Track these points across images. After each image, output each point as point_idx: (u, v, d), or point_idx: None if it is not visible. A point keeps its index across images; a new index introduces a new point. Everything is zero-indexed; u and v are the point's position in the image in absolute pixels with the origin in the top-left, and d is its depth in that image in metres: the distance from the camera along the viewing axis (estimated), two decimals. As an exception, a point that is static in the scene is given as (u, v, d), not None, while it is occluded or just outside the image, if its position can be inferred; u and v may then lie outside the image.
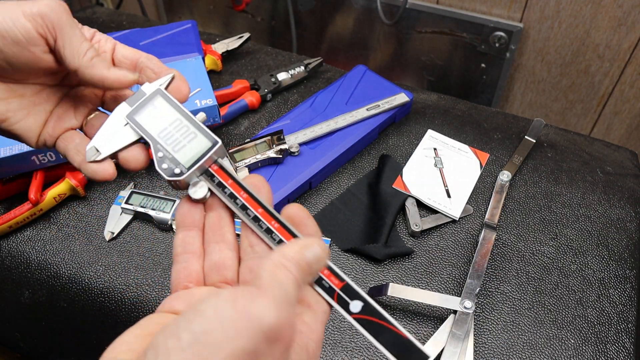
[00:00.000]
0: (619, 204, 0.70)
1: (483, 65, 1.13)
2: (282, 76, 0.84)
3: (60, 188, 0.67)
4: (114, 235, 0.66)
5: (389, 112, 0.77)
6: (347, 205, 0.69)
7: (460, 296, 0.57)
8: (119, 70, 0.36)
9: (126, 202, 0.67)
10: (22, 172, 0.68)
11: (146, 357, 0.24)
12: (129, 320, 0.61)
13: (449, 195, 0.69)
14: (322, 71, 0.89)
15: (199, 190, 0.35)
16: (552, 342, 0.57)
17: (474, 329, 0.57)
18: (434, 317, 0.59)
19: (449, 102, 0.84)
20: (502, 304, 0.60)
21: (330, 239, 0.66)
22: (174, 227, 0.65)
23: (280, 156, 0.69)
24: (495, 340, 0.57)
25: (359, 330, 0.30)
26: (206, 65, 0.85)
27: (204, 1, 1.36)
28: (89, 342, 0.64)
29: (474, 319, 0.58)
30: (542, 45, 1.07)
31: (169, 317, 0.31)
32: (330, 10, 1.21)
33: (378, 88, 0.80)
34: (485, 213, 0.67)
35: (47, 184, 0.67)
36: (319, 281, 0.32)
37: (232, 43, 0.89)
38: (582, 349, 0.57)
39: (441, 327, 0.56)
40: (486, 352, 0.56)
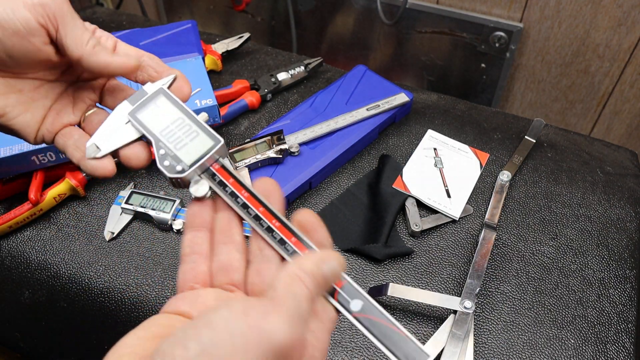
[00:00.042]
0: (619, 204, 0.70)
1: (483, 65, 1.13)
2: (282, 76, 0.84)
3: (60, 188, 0.67)
4: (114, 235, 0.66)
5: (389, 112, 0.77)
6: (347, 205, 0.69)
7: (460, 296, 0.57)
8: (122, 56, 0.36)
9: (126, 202, 0.67)
10: (22, 172, 0.68)
11: None
12: (129, 320, 0.61)
13: (449, 195, 0.69)
14: (322, 71, 0.89)
15: (201, 188, 0.35)
16: (552, 342, 0.57)
17: (474, 329, 0.57)
18: (434, 317, 0.59)
19: (449, 102, 0.84)
20: (502, 304, 0.60)
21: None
22: (174, 227, 0.65)
23: (280, 156, 0.69)
24: (495, 340, 0.57)
25: (359, 329, 0.30)
26: (206, 65, 0.85)
27: (204, 1, 1.36)
28: (89, 342, 0.64)
29: (474, 319, 0.58)
30: (542, 45, 1.07)
31: (173, 318, 0.31)
32: (330, 10, 1.21)
33: (378, 88, 0.80)
34: (485, 213, 0.67)
35: (47, 184, 0.67)
36: None
37: (232, 43, 0.89)
38: (582, 349, 0.57)
39: (441, 327, 0.56)
40: (486, 352, 0.56)
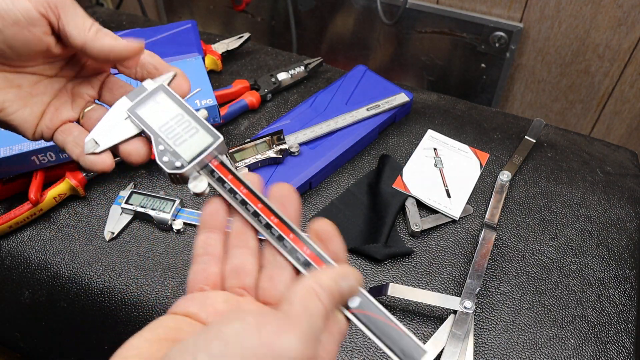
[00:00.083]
0: (619, 204, 0.70)
1: (483, 65, 1.13)
2: (282, 76, 0.84)
3: (60, 188, 0.67)
4: (114, 235, 0.66)
5: (389, 112, 0.77)
6: (347, 205, 0.69)
7: (460, 296, 0.57)
8: (126, 40, 0.36)
9: (126, 202, 0.67)
10: (22, 172, 0.67)
11: None
12: (129, 320, 0.61)
13: (449, 195, 0.69)
14: (322, 71, 0.89)
15: (199, 184, 0.35)
16: (552, 342, 0.57)
17: (474, 329, 0.57)
18: (434, 317, 0.59)
19: (449, 102, 0.84)
20: (502, 304, 0.60)
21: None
22: (174, 227, 0.65)
23: (280, 156, 0.69)
24: (495, 340, 0.57)
25: (356, 325, 0.31)
26: (206, 65, 0.85)
27: (204, 1, 1.36)
28: (89, 342, 0.64)
29: (474, 319, 0.58)
30: (542, 45, 1.07)
31: (180, 320, 0.31)
32: (330, 10, 1.21)
33: (378, 88, 0.80)
34: (485, 213, 0.67)
35: (47, 184, 0.67)
36: None
37: (232, 43, 0.89)
38: (582, 349, 0.57)
39: (441, 327, 0.56)
40: (486, 352, 0.56)
